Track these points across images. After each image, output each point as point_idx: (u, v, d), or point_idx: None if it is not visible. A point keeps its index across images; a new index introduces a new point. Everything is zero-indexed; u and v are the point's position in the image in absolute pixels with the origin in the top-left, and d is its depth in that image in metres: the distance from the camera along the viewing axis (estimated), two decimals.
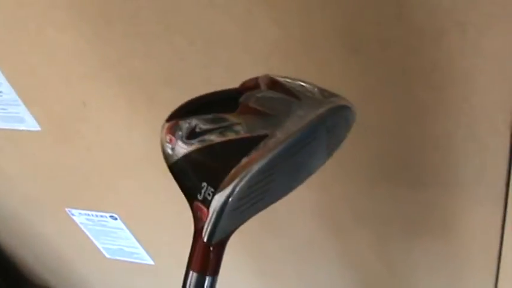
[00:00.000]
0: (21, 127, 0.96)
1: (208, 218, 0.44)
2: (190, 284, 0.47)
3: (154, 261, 1.22)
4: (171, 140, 0.47)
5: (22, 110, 0.92)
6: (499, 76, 0.60)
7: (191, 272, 0.47)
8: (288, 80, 0.49)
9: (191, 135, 0.45)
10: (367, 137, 0.73)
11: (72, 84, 0.84)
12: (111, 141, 0.91)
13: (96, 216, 1.12)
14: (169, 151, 0.47)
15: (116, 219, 1.10)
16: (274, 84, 0.49)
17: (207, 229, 0.44)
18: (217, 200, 0.43)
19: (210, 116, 0.46)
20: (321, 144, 0.48)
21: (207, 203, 0.43)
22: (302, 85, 0.49)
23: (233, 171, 0.42)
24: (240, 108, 0.47)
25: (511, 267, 0.83)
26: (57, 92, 0.86)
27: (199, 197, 0.44)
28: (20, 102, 0.91)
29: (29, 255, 1.50)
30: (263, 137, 0.43)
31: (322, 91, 0.48)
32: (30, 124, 0.95)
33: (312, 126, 0.45)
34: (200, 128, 0.45)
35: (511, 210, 0.75)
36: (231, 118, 0.45)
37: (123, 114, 0.84)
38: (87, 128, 0.90)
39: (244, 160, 0.42)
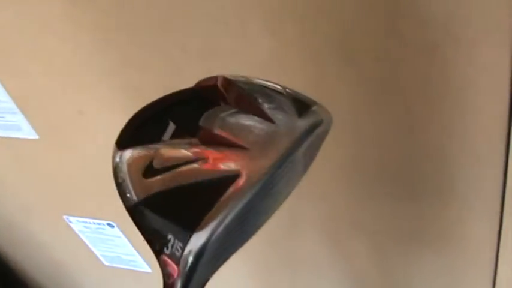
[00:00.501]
0: (19, 135, 0.97)
1: (180, 276, 0.38)
2: None
3: (151, 269, 1.22)
4: (125, 176, 0.41)
5: (19, 119, 0.93)
6: (492, 88, 0.60)
7: None
8: (250, 82, 0.44)
9: (148, 172, 0.39)
10: (363, 148, 0.73)
11: (69, 93, 0.84)
12: (107, 150, 0.91)
13: (94, 223, 1.12)
14: (127, 193, 0.41)
15: (113, 227, 1.10)
16: (232, 89, 0.43)
17: (179, 286, 0.39)
18: (188, 258, 0.38)
19: (169, 147, 0.40)
20: (298, 168, 0.44)
21: (176, 259, 0.38)
22: (266, 89, 0.43)
23: (202, 223, 0.37)
24: (202, 135, 0.40)
25: (506, 278, 0.83)
26: (54, 101, 0.87)
27: (167, 251, 0.39)
28: (17, 110, 0.91)
29: (26, 262, 1.50)
30: (235, 178, 0.37)
31: (294, 100, 0.43)
32: (28, 132, 0.95)
33: (287, 157, 0.40)
34: (159, 164, 0.39)
35: (507, 221, 0.75)
36: (194, 150, 0.39)
37: (119, 123, 0.84)
38: (84, 137, 0.91)
39: (215, 209, 0.37)
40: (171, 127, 0.42)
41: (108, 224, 1.10)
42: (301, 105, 0.43)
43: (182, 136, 0.41)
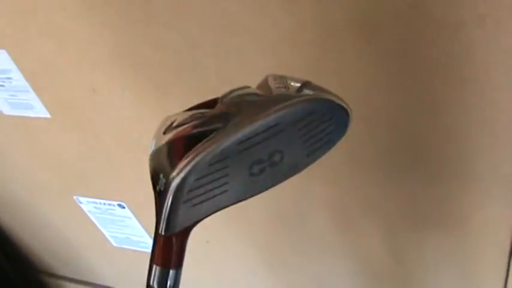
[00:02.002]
0: (31, 114, 0.96)
1: (163, 211, 0.44)
2: (153, 279, 0.47)
3: None
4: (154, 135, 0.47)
5: (32, 97, 0.92)
6: None
7: (154, 266, 0.47)
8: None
9: (166, 130, 0.46)
10: (381, 129, 0.72)
11: (82, 71, 0.83)
12: (120, 130, 0.91)
13: (104, 204, 1.12)
14: (152, 146, 0.47)
15: (123, 207, 1.10)
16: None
17: (162, 222, 0.44)
18: (168, 193, 0.43)
19: (188, 113, 0.46)
20: (291, 143, 0.46)
21: (161, 196, 0.43)
22: (286, 81, 0.47)
23: (181, 162, 0.42)
24: (217, 105, 0.46)
25: None
26: (67, 79, 0.86)
27: (157, 189, 0.44)
28: (29, 88, 0.91)
29: (36, 242, 1.50)
30: (215, 130, 0.42)
31: (306, 85, 0.46)
32: (40, 111, 0.94)
33: (265, 122, 0.43)
34: (175, 123, 0.45)
35: None
36: (202, 114, 0.45)
37: (132, 102, 0.84)
38: (97, 116, 0.90)
39: (191, 153, 0.42)
40: None
41: (119, 205, 1.10)
42: (309, 86, 0.46)
43: None
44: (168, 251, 0.46)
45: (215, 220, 1.01)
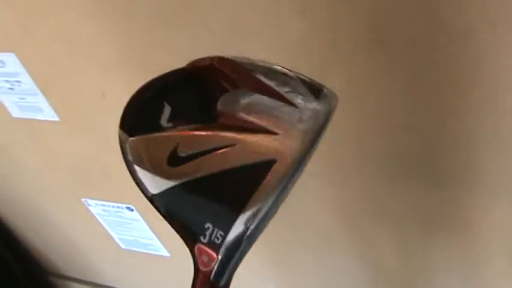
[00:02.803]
0: (40, 117, 0.96)
1: (218, 262, 0.39)
2: None
3: (170, 254, 1.21)
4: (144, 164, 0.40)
5: (41, 100, 0.92)
6: None
7: None
8: (252, 63, 0.42)
9: (173, 160, 0.39)
10: (389, 131, 0.72)
11: (92, 75, 0.83)
12: None
13: (113, 207, 1.12)
14: (146, 185, 0.40)
15: (132, 210, 1.10)
16: (233, 69, 0.41)
17: (216, 273, 0.40)
18: (230, 243, 0.39)
19: (190, 132, 0.39)
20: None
21: (215, 247, 0.39)
22: (273, 70, 0.42)
23: (245, 210, 0.38)
24: (223, 119, 0.40)
25: None
26: (76, 83, 0.86)
27: (204, 240, 0.39)
28: (38, 92, 0.91)
29: (45, 244, 1.50)
30: (271, 163, 0.38)
31: (303, 82, 0.41)
32: (49, 114, 0.95)
33: (315, 140, 0.40)
34: (184, 152, 0.39)
35: None
36: (221, 134, 0.39)
37: None
38: (106, 120, 0.90)
39: (255, 196, 0.37)
40: (167, 109, 0.41)
41: (128, 208, 1.10)
42: (313, 88, 0.41)
43: (180, 119, 0.40)
44: None
45: None
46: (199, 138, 0.39)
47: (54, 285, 1.73)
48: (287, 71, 0.42)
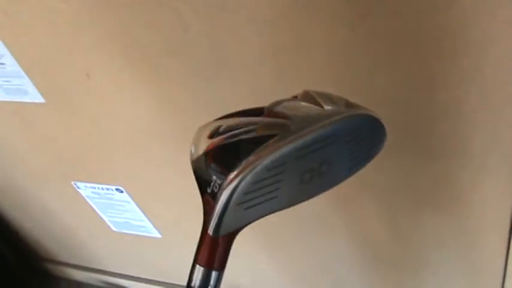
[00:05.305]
0: (25, 99, 0.95)
1: (215, 212, 0.45)
2: (196, 278, 0.48)
3: (161, 235, 1.21)
4: (196, 140, 0.48)
5: (26, 82, 0.91)
6: None
7: (197, 266, 0.48)
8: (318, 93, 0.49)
9: (213, 134, 0.47)
10: (375, 105, 0.71)
11: (76, 55, 0.82)
12: (115, 113, 0.90)
13: (102, 189, 1.12)
14: (193, 150, 0.48)
15: (122, 192, 1.10)
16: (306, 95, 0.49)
17: (213, 222, 0.45)
18: (223, 194, 0.44)
19: (235, 119, 0.47)
20: (340, 155, 0.48)
21: (214, 197, 0.45)
22: (330, 97, 0.48)
23: (240, 166, 0.43)
24: (265, 114, 0.47)
25: None
26: (60, 63, 0.85)
27: (209, 191, 0.45)
28: (23, 74, 0.90)
29: (36, 228, 1.50)
30: (272, 136, 0.44)
31: (348, 103, 0.48)
32: (34, 96, 0.94)
33: (324, 132, 0.45)
34: (222, 129, 0.46)
35: None
36: (253, 120, 0.46)
37: (127, 85, 0.83)
38: (92, 100, 0.89)
39: (251, 156, 0.43)
40: None
41: (117, 189, 1.10)
42: (355, 105, 0.49)
43: None
44: (214, 252, 0.47)
45: None
46: (232, 122, 0.47)
47: (47, 271, 1.73)
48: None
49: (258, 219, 0.47)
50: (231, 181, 0.43)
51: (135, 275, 1.53)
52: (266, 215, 0.48)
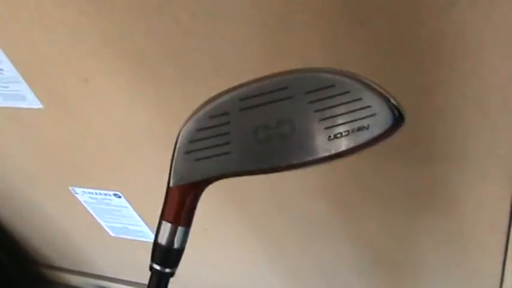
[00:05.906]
0: (23, 105, 0.95)
1: (171, 161, 0.47)
2: (161, 235, 0.50)
3: None
4: None
5: (23, 88, 0.91)
6: (509, 49, 0.58)
7: (163, 223, 0.49)
8: None
9: None
10: None
11: (74, 61, 0.82)
12: (113, 119, 0.90)
13: (100, 194, 1.12)
14: None
15: (119, 197, 1.10)
16: None
17: (170, 172, 0.47)
18: (175, 142, 0.46)
19: None
20: (302, 117, 0.44)
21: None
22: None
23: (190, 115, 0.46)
24: None
25: None
26: (58, 69, 0.85)
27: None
28: (21, 79, 0.90)
29: (33, 234, 1.50)
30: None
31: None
32: (32, 102, 0.94)
33: (269, 83, 0.44)
34: None
35: None
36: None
37: (125, 90, 0.83)
38: (90, 105, 0.89)
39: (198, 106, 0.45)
40: None
41: (115, 194, 1.09)
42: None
43: None
44: (177, 205, 0.48)
45: (213, 207, 1.01)
46: None
47: (45, 276, 1.72)
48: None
49: (217, 176, 0.47)
50: (180, 130, 0.45)
51: (132, 280, 1.53)
52: (225, 173, 0.46)
